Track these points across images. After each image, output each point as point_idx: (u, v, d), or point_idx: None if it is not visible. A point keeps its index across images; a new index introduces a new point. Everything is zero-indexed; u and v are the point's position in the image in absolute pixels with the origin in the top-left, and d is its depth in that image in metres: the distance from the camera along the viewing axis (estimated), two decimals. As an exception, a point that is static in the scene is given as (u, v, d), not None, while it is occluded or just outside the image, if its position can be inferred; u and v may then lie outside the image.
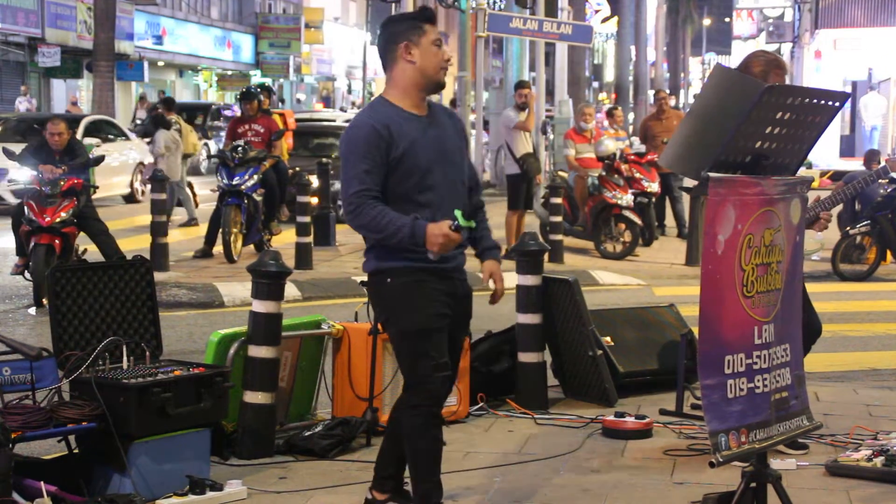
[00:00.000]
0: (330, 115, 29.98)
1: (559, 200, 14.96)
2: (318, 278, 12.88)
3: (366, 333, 6.64)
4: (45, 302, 10.75)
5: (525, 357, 7.39)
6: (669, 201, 17.66)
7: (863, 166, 16.91)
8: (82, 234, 11.86)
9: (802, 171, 5.40)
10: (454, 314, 5.10)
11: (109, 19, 27.29)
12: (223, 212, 13.88)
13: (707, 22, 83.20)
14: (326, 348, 6.99)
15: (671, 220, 17.94)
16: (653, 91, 31.94)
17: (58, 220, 11.31)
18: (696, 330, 4.52)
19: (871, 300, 12.80)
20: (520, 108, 15.02)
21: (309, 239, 13.98)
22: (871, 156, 16.67)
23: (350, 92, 58.71)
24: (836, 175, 24.01)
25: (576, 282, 7.54)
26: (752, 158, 4.51)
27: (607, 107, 28.39)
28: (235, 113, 21.38)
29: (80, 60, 33.98)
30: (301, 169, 16.29)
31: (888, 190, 14.30)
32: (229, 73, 48.42)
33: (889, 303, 12.67)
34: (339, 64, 58.33)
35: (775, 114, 4.44)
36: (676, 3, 69.54)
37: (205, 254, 14.35)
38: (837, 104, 4.65)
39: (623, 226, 15.50)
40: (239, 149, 14.20)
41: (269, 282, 6.29)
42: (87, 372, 5.63)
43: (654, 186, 16.20)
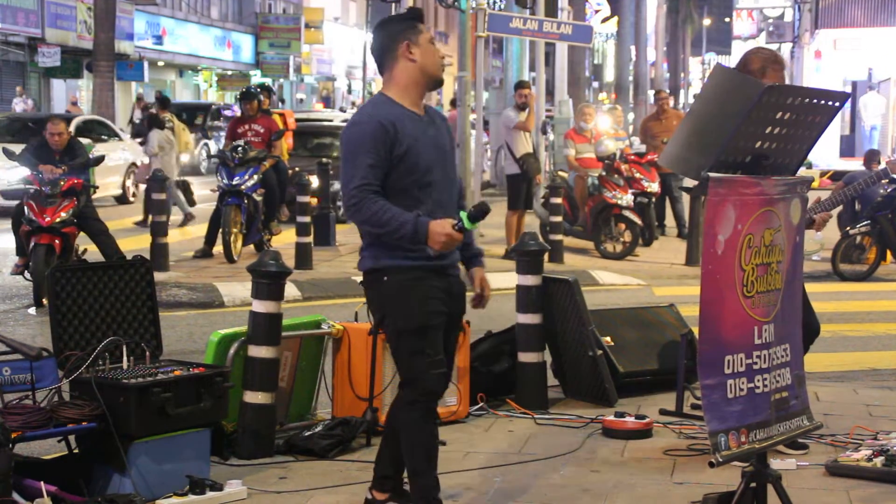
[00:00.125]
0: (327, 115, 29.94)
1: (559, 200, 14.96)
2: (318, 278, 12.87)
3: (366, 333, 6.63)
4: (45, 302, 10.75)
5: (525, 357, 7.39)
6: (669, 201, 17.65)
7: (863, 166, 16.90)
8: (82, 234, 11.86)
9: (802, 171, 5.40)
10: (449, 311, 5.13)
11: (109, 19, 27.30)
12: (223, 212, 13.87)
13: (707, 22, 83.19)
14: (326, 348, 6.99)
15: (671, 220, 17.93)
16: (653, 91, 31.93)
17: (58, 220, 11.31)
18: (696, 330, 4.52)
19: (871, 300, 12.79)
20: (520, 108, 15.03)
21: (309, 239, 13.96)
22: (871, 156, 16.67)
23: (350, 92, 58.68)
24: (836, 175, 24.00)
25: (576, 282, 7.54)
26: (752, 158, 4.51)
27: (607, 106, 28.39)
28: (235, 113, 21.38)
29: (80, 60, 33.97)
30: (301, 169, 16.30)
31: (888, 190, 14.29)
32: (229, 73, 48.42)
33: (889, 303, 12.67)
34: (339, 64, 58.33)
35: (775, 114, 4.44)
36: (676, 3, 69.53)
37: (205, 254, 14.35)
38: (837, 104, 4.65)
39: (623, 226, 15.50)
40: (239, 149, 14.20)
41: (269, 282, 6.29)
42: (87, 372, 5.63)
43: (654, 186, 16.20)
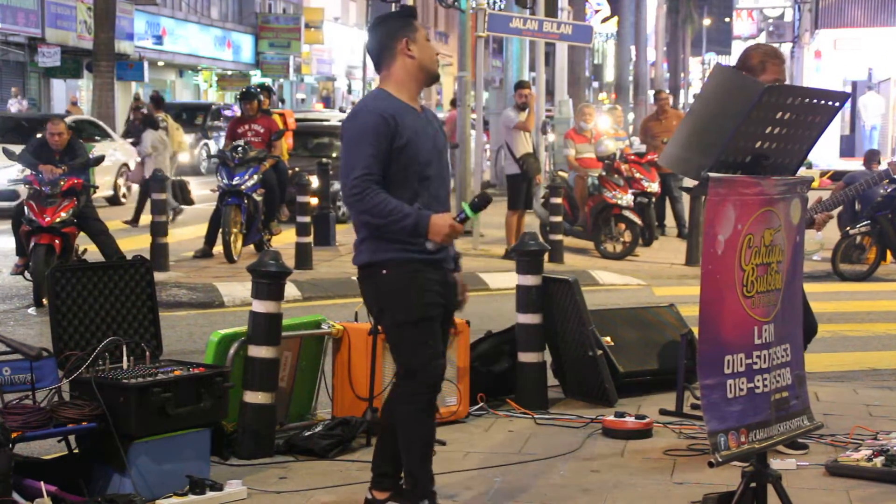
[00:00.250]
0: (324, 115, 29.91)
1: (559, 200, 14.96)
2: (318, 278, 12.88)
3: (366, 333, 6.64)
4: (45, 302, 10.75)
5: (525, 357, 7.39)
6: (669, 201, 17.66)
7: (862, 166, 16.90)
8: (82, 234, 11.87)
9: (802, 171, 5.40)
10: (445, 304, 5.18)
11: (109, 19, 27.29)
12: (223, 212, 13.87)
13: (707, 22, 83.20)
14: (326, 348, 6.99)
15: (671, 220, 17.93)
16: (653, 91, 31.93)
17: (58, 220, 11.31)
18: (696, 330, 4.52)
19: (871, 300, 12.79)
20: (520, 108, 15.04)
21: (309, 239, 13.98)
22: (871, 156, 16.66)
23: (350, 92, 58.68)
24: (836, 175, 24.00)
25: (576, 282, 7.54)
26: (752, 158, 4.51)
27: (607, 106, 28.38)
28: (235, 113, 21.38)
29: (80, 60, 33.97)
30: (301, 169, 16.29)
31: (888, 190, 14.29)
32: (229, 73, 48.41)
33: (889, 303, 12.67)
34: (339, 64, 58.33)
35: (775, 114, 4.44)
36: (676, 3, 69.54)
37: (205, 254, 14.35)
38: (837, 104, 4.65)
39: (623, 226, 15.50)
40: (239, 149, 14.21)
41: (269, 282, 6.29)
42: (87, 372, 5.63)
43: (654, 186, 16.20)
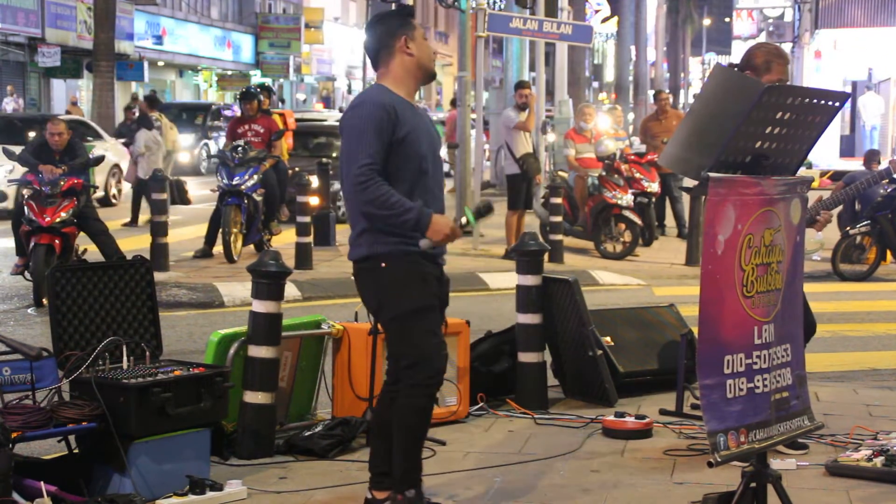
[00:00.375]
0: (321, 115, 29.90)
1: (559, 200, 14.95)
2: (318, 278, 12.88)
3: (366, 333, 6.63)
4: (45, 302, 10.75)
5: (525, 357, 7.39)
6: (669, 201, 17.66)
7: (863, 166, 16.90)
8: (82, 234, 11.87)
9: (802, 171, 5.40)
10: (440, 298, 5.21)
11: (109, 19, 27.30)
12: (223, 212, 13.88)
13: (707, 22, 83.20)
14: (326, 348, 6.99)
15: (671, 220, 17.94)
16: (653, 91, 31.92)
17: (58, 220, 11.32)
18: (696, 330, 4.52)
19: (871, 300, 12.79)
20: (520, 108, 15.04)
21: (309, 239, 13.98)
22: (871, 156, 16.66)
23: (350, 92, 58.66)
24: (836, 175, 23.99)
25: (576, 282, 7.54)
26: (752, 158, 4.51)
27: (607, 106, 28.37)
28: (235, 113, 21.38)
29: (80, 60, 33.97)
30: (301, 169, 16.29)
31: (888, 190, 14.29)
32: (229, 73, 48.41)
33: (889, 303, 12.66)
34: (339, 64, 58.33)
35: (775, 114, 4.44)
36: (676, 3, 69.53)
37: (205, 254, 14.35)
38: (837, 104, 4.65)
39: (623, 226, 15.50)
40: (239, 149, 14.21)
41: (269, 282, 6.29)
42: (87, 372, 5.63)
43: (654, 186, 16.21)
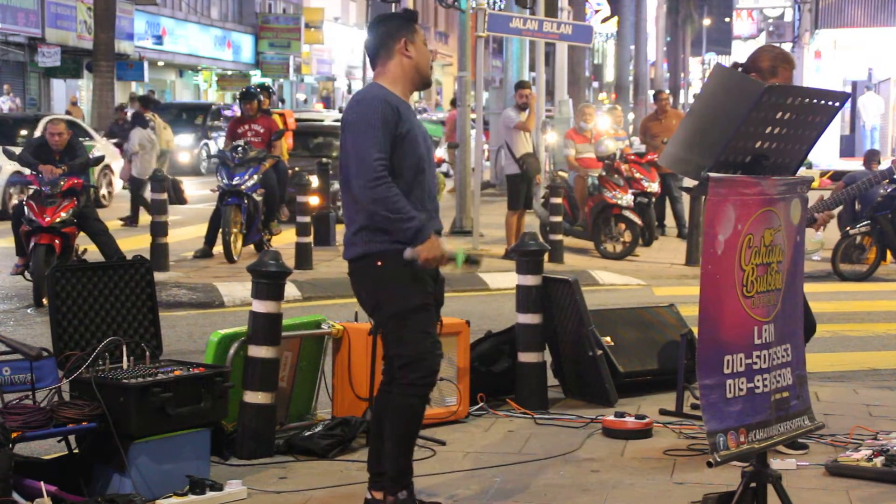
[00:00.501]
0: (318, 115, 29.90)
1: (559, 200, 14.95)
2: (318, 278, 12.87)
3: (366, 333, 6.63)
4: (45, 302, 10.75)
5: (525, 357, 7.38)
6: (669, 201, 17.65)
7: (862, 166, 16.90)
8: (82, 234, 11.87)
9: (802, 171, 5.40)
10: (435, 296, 5.22)
11: (109, 19, 27.33)
12: (223, 212, 13.88)
13: (707, 22, 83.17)
14: (326, 348, 6.99)
15: (671, 220, 17.93)
16: (653, 91, 31.91)
17: (58, 220, 11.32)
18: (696, 330, 4.52)
19: (871, 300, 12.79)
20: (520, 108, 15.04)
21: (309, 239, 13.98)
22: (871, 156, 16.65)
23: (350, 92, 58.66)
24: (836, 175, 23.99)
25: (576, 282, 7.54)
26: (752, 158, 4.51)
27: (607, 106, 28.35)
28: (235, 113, 21.38)
29: (80, 60, 33.98)
30: (301, 169, 16.29)
31: (888, 190, 14.29)
32: (229, 73, 48.42)
33: (889, 303, 12.66)
34: (339, 64, 58.35)
35: (775, 114, 4.44)
36: (676, 3, 69.51)
37: (205, 254, 14.35)
38: (837, 104, 4.65)
39: (623, 226, 15.50)
40: (239, 149, 14.21)
41: (269, 282, 6.29)
42: (87, 372, 5.63)
43: (654, 186, 16.20)
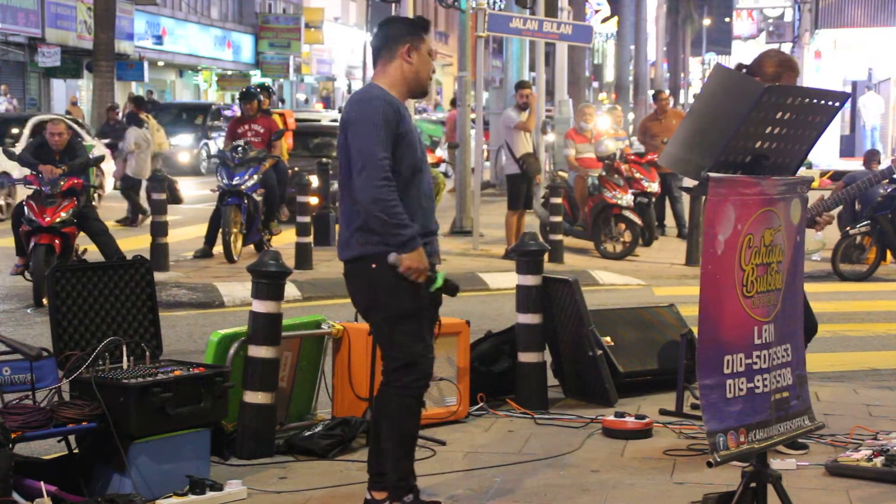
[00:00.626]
0: (316, 115, 29.90)
1: (559, 200, 14.95)
2: (318, 278, 12.87)
3: (366, 333, 6.62)
4: (45, 302, 10.75)
5: (525, 357, 7.38)
6: (669, 201, 17.65)
7: (862, 166, 16.90)
8: (82, 234, 11.87)
9: (802, 171, 5.40)
10: (432, 297, 5.21)
11: (109, 19, 27.34)
12: (223, 212, 13.87)
13: (707, 22, 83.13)
14: (326, 348, 6.99)
15: (671, 220, 17.94)
16: (652, 91, 31.90)
17: (58, 220, 11.32)
18: (696, 330, 4.52)
19: (871, 300, 12.79)
20: (521, 108, 15.03)
21: (309, 239, 13.97)
22: (871, 156, 16.66)
23: (350, 92, 58.67)
24: (836, 175, 24.00)
25: (576, 282, 7.54)
26: (752, 158, 4.51)
27: (607, 106, 28.36)
28: (235, 113, 21.38)
29: (80, 60, 33.98)
30: (301, 169, 16.29)
31: (888, 190, 14.29)
32: (229, 73, 48.43)
33: (889, 303, 12.66)
34: (339, 64, 58.35)
35: (775, 114, 4.44)
36: (676, 3, 69.49)
37: (205, 254, 14.35)
38: (837, 104, 4.65)
39: (623, 226, 15.50)
40: (239, 149, 14.21)
41: (269, 282, 6.29)
42: (87, 372, 5.63)
43: (654, 186, 16.20)
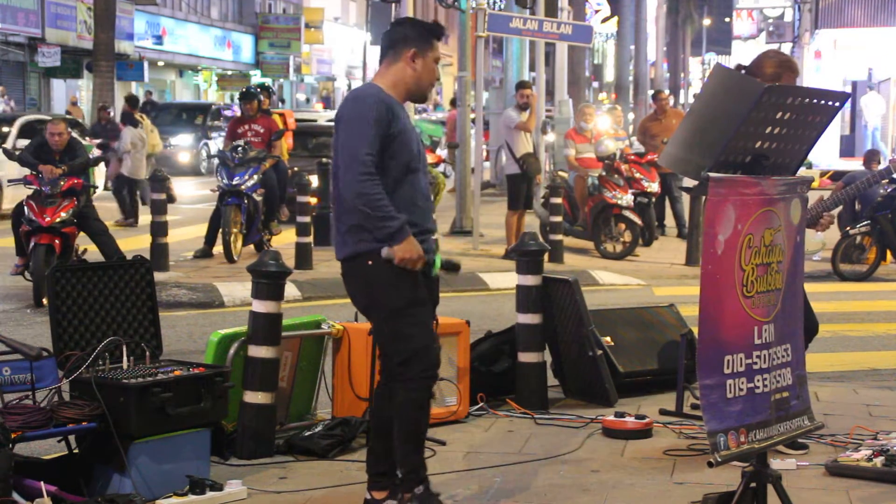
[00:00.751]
0: (313, 115, 29.91)
1: (559, 200, 14.95)
2: (318, 278, 12.87)
3: (366, 333, 6.62)
4: (45, 302, 10.75)
5: (525, 357, 7.39)
6: (669, 201, 17.66)
7: (862, 166, 16.91)
8: (82, 234, 11.87)
9: (802, 171, 5.40)
10: (430, 294, 5.22)
11: (109, 19, 27.31)
12: (223, 212, 13.88)
13: (707, 22, 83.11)
14: (326, 348, 6.99)
15: (671, 220, 17.94)
16: (652, 91, 31.89)
17: (58, 220, 11.33)
18: (696, 330, 4.52)
19: (871, 300, 12.79)
20: (521, 108, 15.04)
21: (309, 239, 13.97)
22: (871, 156, 16.66)
23: (350, 92, 58.64)
24: (836, 175, 24.01)
25: (576, 282, 7.54)
26: (752, 158, 4.51)
27: (607, 106, 28.36)
28: (235, 113, 21.38)
29: (80, 60, 33.97)
30: (301, 169, 16.30)
31: (888, 190, 14.29)
32: (229, 73, 48.43)
33: (889, 303, 12.67)
34: (339, 64, 58.35)
35: (775, 114, 4.44)
36: (676, 3, 69.46)
37: (205, 254, 14.35)
38: (837, 104, 4.65)
39: (623, 226, 15.51)
40: (239, 149, 14.21)
41: (269, 282, 6.29)
42: (87, 372, 5.63)
43: (654, 186, 16.21)
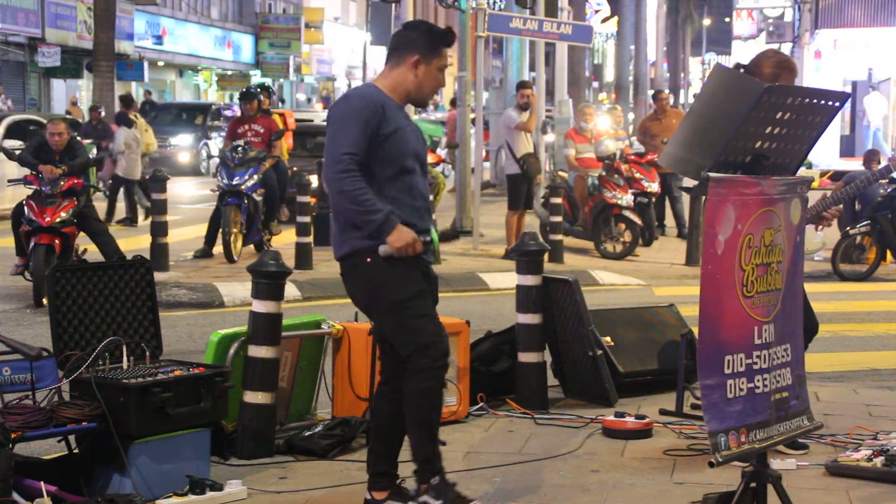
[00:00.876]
0: (308, 115, 29.92)
1: (559, 200, 14.96)
2: (318, 278, 12.87)
3: (366, 333, 6.63)
4: (45, 302, 10.75)
5: (525, 357, 7.39)
6: (669, 201, 17.66)
7: (862, 166, 16.91)
8: (82, 234, 11.87)
9: (802, 171, 5.40)
10: (428, 284, 5.22)
11: (109, 19, 27.31)
12: (223, 212, 13.88)
13: (707, 22, 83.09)
14: (326, 348, 6.99)
15: (671, 220, 17.94)
16: (652, 91, 31.89)
17: (58, 220, 11.33)
18: (696, 330, 4.52)
19: (871, 300, 12.79)
20: (521, 108, 15.04)
21: (309, 239, 13.98)
22: (871, 156, 16.66)
23: (350, 92, 58.57)
24: (836, 175, 24.01)
25: (576, 282, 7.54)
26: (752, 158, 4.51)
27: (607, 106, 28.36)
28: (235, 113, 21.39)
29: (80, 60, 33.97)
30: (301, 169, 16.30)
31: (888, 190, 14.30)
32: (229, 73, 48.43)
33: (889, 303, 12.67)
34: (339, 64, 58.35)
35: (775, 114, 4.44)
36: (676, 3, 69.43)
37: (205, 254, 14.35)
38: (837, 104, 4.65)
39: (623, 226, 15.51)
40: (239, 149, 14.21)
41: (269, 282, 6.29)
42: (87, 372, 5.63)
43: (654, 186, 16.21)
